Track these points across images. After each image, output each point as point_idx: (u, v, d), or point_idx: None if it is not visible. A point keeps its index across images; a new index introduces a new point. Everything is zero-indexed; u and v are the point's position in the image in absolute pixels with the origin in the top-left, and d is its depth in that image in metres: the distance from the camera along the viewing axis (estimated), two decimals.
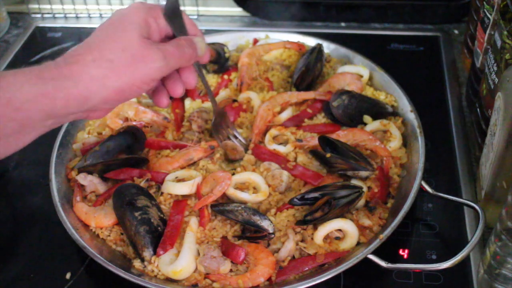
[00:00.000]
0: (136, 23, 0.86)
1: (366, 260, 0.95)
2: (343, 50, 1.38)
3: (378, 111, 1.21)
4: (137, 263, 0.99)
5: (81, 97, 0.80)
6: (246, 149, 1.18)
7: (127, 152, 1.16)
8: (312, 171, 1.11)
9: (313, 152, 1.13)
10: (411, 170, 1.10)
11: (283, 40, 1.41)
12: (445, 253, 1.02)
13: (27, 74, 0.77)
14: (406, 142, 1.17)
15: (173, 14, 0.93)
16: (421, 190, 1.05)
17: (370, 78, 1.32)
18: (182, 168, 1.14)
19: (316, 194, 1.02)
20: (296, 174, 1.11)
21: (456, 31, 1.60)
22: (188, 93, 1.32)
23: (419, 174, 1.06)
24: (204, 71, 1.38)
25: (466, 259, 1.00)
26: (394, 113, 1.23)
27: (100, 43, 0.83)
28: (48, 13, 1.75)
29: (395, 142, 1.15)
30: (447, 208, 1.11)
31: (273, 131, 1.19)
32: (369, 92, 1.28)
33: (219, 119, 1.18)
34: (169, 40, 0.91)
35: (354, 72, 1.31)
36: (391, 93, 1.27)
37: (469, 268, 1.01)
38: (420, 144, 1.12)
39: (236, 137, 1.18)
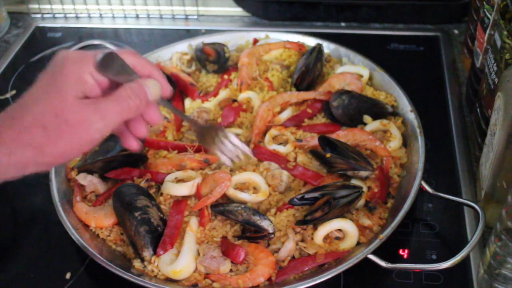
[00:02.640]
0: (70, 83, 0.79)
1: (366, 260, 0.95)
2: (343, 50, 1.38)
3: (378, 111, 1.21)
4: (137, 263, 0.99)
5: (18, 163, 0.76)
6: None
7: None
8: (312, 171, 1.11)
9: (313, 152, 1.13)
10: (411, 170, 1.10)
11: (283, 40, 1.41)
12: (445, 253, 1.02)
13: None
14: (406, 142, 1.17)
15: (109, 64, 0.82)
16: (421, 190, 1.05)
17: (370, 78, 1.32)
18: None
19: (316, 194, 1.02)
20: (296, 174, 1.11)
21: (456, 31, 1.60)
22: (188, 93, 1.32)
23: (419, 174, 1.06)
24: (204, 71, 1.38)
25: (466, 259, 1.00)
26: (394, 113, 1.23)
27: (33, 106, 0.77)
28: (48, 13, 1.75)
29: (395, 142, 1.15)
30: (447, 208, 1.11)
31: (273, 131, 1.19)
32: (369, 92, 1.28)
33: (209, 133, 1.10)
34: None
35: (354, 72, 1.31)
36: (391, 93, 1.27)
37: (469, 268, 1.01)
38: (420, 144, 1.12)
39: (234, 145, 1.11)
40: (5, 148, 0.75)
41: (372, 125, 1.19)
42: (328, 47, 1.39)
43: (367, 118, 1.20)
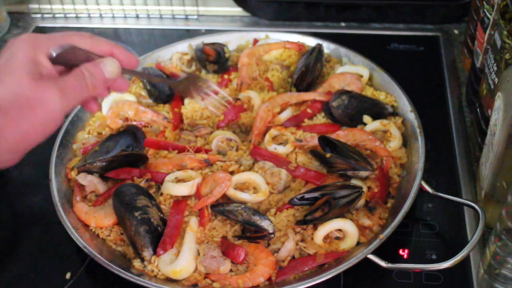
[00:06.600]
0: (24, 63, 0.79)
1: (366, 260, 0.95)
2: (343, 50, 1.38)
3: (378, 111, 1.21)
4: (137, 263, 0.99)
5: None
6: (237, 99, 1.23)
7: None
8: (314, 171, 1.11)
9: (313, 152, 1.13)
10: (411, 170, 1.10)
11: (283, 40, 1.41)
12: (445, 253, 1.02)
13: None
14: (406, 142, 1.17)
15: (65, 56, 0.85)
16: (421, 190, 1.05)
17: (370, 78, 1.32)
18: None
19: (316, 194, 1.02)
20: (299, 175, 1.11)
21: (456, 31, 1.60)
22: None
23: (419, 174, 1.06)
24: (204, 71, 1.38)
25: (466, 259, 1.00)
26: (394, 113, 1.23)
27: None
28: (48, 13, 1.75)
29: (395, 142, 1.15)
30: (447, 208, 1.11)
31: (273, 131, 1.18)
32: (369, 92, 1.28)
33: (189, 85, 1.19)
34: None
35: (354, 72, 1.31)
36: (391, 93, 1.27)
37: (469, 268, 1.01)
38: (420, 144, 1.12)
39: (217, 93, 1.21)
40: None
41: (372, 125, 1.19)
42: (328, 47, 1.39)
43: (367, 118, 1.20)
